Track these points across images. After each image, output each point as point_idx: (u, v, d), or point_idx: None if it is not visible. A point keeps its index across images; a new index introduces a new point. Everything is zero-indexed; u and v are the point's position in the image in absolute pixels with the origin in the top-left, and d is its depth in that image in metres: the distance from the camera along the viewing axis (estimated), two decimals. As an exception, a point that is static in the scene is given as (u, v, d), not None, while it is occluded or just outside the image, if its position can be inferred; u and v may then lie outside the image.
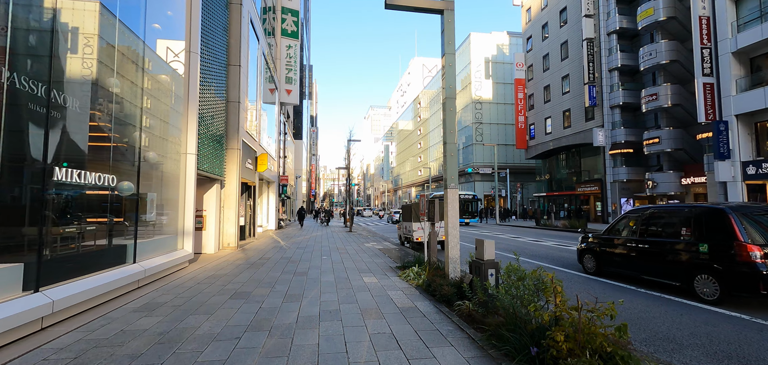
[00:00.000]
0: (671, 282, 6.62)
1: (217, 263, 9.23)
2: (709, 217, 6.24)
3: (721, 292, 5.78)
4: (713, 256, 5.93)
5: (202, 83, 9.69)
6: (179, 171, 8.60)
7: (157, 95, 8.14)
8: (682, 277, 6.39)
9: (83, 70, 5.94)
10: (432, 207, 8.04)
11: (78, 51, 5.86)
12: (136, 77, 6.99)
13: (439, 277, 6.40)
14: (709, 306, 5.77)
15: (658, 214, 7.38)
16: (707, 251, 6.02)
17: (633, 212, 7.98)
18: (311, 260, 9.91)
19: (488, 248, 4.84)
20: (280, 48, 24.83)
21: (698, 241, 6.21)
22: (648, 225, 7.35)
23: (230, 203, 12.41)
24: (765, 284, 5.28)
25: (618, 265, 7.76)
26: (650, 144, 25.35)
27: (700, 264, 6.08)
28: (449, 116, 6.71)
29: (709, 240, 6.07)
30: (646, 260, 7.09)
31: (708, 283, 5.98)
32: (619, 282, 7.52)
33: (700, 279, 6.10)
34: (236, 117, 12.55)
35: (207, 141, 10.15)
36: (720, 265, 5.81)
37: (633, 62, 27.91)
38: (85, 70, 5.97)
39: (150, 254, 7.12)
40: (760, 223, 5.98)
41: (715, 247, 5.95)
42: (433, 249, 7.95)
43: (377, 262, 9.72)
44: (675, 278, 6.53)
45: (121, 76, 6.72)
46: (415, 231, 12.92)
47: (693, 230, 6.41)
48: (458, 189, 6.69)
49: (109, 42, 6.42)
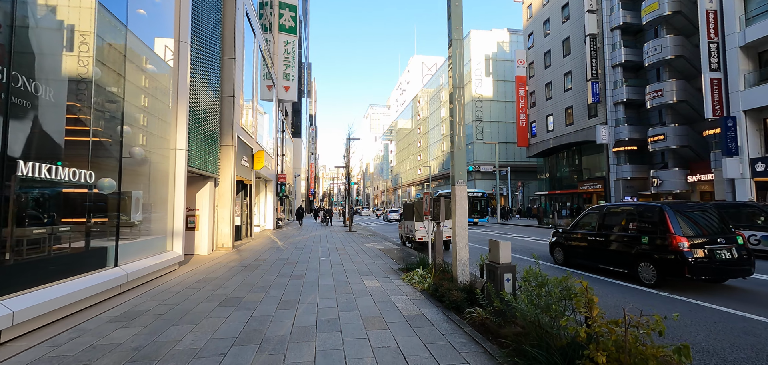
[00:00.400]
0: (621, 270, 7.63)
1: (210, 266, 8.73)
2: (649, 213, 7.25)
3: (658, 277, 6.72)
4: (652, 246, 6.91)
5: (193, 76, 9.18)
6: (168, 168, 8.09)
7: (143, 86, 7.63)
8: (628, 265, 7.35)
9: (58, 58, 5.43)
10: (437, 206, 7.55)
11: (53, 37, 5.36)
12: (119, 67, 6.48)
13: (446, 281, 5.91)
14: (649, 289, 6.59)
15: (612, 211, 8.32)
16: (647, 243, 7.01)
17: (593, 210, 8.91)
18: (309, 262, 9.41)
19: (504, 250, 4.35)
20: (278, 44, 24.30)
21: (641, 234, 7.19)
22: (604, 221, 8.25)
23: (225, 202, 11.90)
24: (689, 269, 6.25)
25: (581, 256, 8.68)
26: (655, 141, 24.89)
27: (642, 254, 7.05)
28: (458, 107, 6.22)
29: (649, 233, 7.04)
30: (601, 252, 8.04)
31: (648, 269, 6.91)
32: (582, 271, 8.34)
33: (642, 266, 7.04)
34: (231, 112, 12.04)
35: (199, 137, 9.64)
36: (657, 254, 6.77)
37: (637, 58, 27.44)
38: (60, 58, 5.46)
39: (134, 256, 6.61)
40: (691, 218, 6.98)
41: (653, 239, 6.93)
42: (438, 250, 7.46)
43: (379, 263, 9.23)
44: (623, 266, 7.51)
45: (103, 64, 6.21)
46: (417, 231, 12.43)
47: (637, 225, 7.41)
48: (466, 186, 6.20)
49: (88, 28, 5.91)
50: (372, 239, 16.27)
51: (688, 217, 6.97)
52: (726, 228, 6.94)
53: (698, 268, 6.27)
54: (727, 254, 6.47)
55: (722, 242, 6.58)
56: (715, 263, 6.37)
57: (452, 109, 6.26)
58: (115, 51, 6.45)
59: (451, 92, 6.31)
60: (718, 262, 6.40)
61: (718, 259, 6.41)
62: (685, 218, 6.89)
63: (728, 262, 6.45)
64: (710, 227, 6.96)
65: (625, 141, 27.45)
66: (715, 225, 7.01)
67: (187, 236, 10.47)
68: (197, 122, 9.50)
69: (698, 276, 6.28)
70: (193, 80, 9.25)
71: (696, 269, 6.26)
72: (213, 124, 10.85)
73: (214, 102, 10.95)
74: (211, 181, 11.07)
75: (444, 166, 60.39)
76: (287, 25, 24.69)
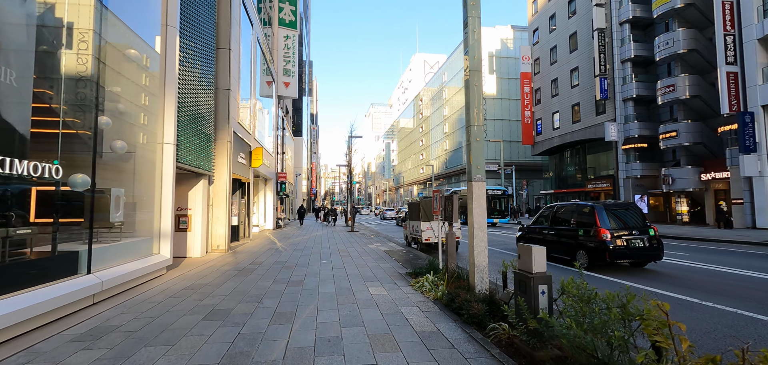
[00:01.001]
0: (564, 257, 9.17)
1: (201, 270, 8.05)
2: (585, 211, 8.88)
3: (589, 262, 8.32)
4: (585, 237, 8.52)
5: (183, 64, 8.50)
6: (154, 164, 7.41)
7: (125, 73, 6.95)
8: (570, 253, 8.98)
9: (21, 36, 4.77)
10: (449, 205, 6.85)
11: (15, 11, 4.69)
12: (96, 50, 5.80)
13: (462, 290, 5.21)
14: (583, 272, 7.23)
15: (560, 210, 9.94)
16: (582, 235, 8.62)
17: (547, 209, 10.49)
18: (309, 266, 8.73)
19: (537, 257, 3.65)
20: (278, 38, 23.63)
21: (578, 228, 8.84)
22: (555, 218, 9.91)
23: (220, 201, 11.23)
24: (610, 254, 7.95)
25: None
26: (667, 138, 24.11)
27: (579, 244, 8.66)
28: (474, 93, 5.51)
29: (584, 227, 8.63)
30: (551, 242, 9.61)
31: (583, 256, 8.47)
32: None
33: (579, 254, 8.61)
34: (226, 106, 11.36)
35: (190, 131, 8.96)
36: (589, 243, 8.38)
37: (647, 53, 26.65)
38: (24, 37, 4.80)
39: (113, 261, 5.94)
40: (615, 215, 8.59)
41: (587, 231, 8.54)
42: (451, 254, 6.76)
43: (384, 267, 8.54)
44: (566, 254, 9.13)
45: (77, 47, 5.54)
46: (423, 231, 11.73)
47: (576, 220, 9.03)
48: (485, 182, 5.50)
49: (60, 3, 5.25)
50: (375, 239, 15.58)
51: (614, 214, 8.61)
52: (642, 223, 8.52)
53: (617, 253, 8.02)
54: (640, 243, 8.16)
55: (637, 234, 8.22)
56: (630, 250, 8.08)
57: (468, 95, 5.56)
58: (93, 32, 5.77)
59: (467, 78, 5.61)
60: (633, 249, 8.10)
61: (633, 247, 8.10)
62: (610, 214, 8.53)
63: (641, 249, 8.16)
64: (629, 222, 8.52)
65: (635, 138, 26.66)
66: (634, 221, 8.58)
67: (178, 238, 9.81)
68: (188, 115, 8.83)
69: (617, 260, 8.23)
70: (183, 69, 8.57)
71: (615, 255, 8.02)
72: (206, 118, 10.17)
73: (207, 94, 10.27)
74: (204, 179, 10.40)
75: (446, 165, 59.67)
76: (287, 20, 24.01)
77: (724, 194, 22.67)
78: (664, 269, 8.55)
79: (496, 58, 50.24)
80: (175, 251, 9.80)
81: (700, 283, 7.05)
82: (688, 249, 12.19)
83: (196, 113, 9.37)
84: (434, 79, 69.49)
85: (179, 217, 9.89)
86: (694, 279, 7.49)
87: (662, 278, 7.58)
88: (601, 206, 8.68)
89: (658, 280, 7.36)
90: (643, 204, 26.45)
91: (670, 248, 12.34)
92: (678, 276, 7.73)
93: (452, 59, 59.15)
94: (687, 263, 9.29)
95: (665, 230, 19.23)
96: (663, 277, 7.67)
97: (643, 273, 8.04)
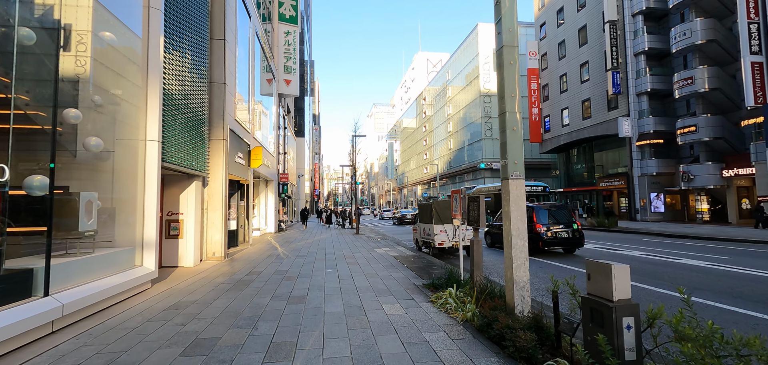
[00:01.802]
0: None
1: (191, 283, 7.15)
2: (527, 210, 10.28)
3: (531, 249, 9.75)
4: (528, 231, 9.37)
5: (169, 51, 7.61)
6: (137, 163, 6.52)
7: (101, 59, 6.07)
8: None
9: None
10: (474, 207, 5.92)
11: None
12: (60, 33, 4.92)
13: (499, 311, 4.29)
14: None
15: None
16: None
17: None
18: (312, 276, 7.81)
19: (620, 278, 2.72)
20: (278, 34, 22.77)
21: None
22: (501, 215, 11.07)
23: (215, 205, 10.34)
24: (542, 242, 10.77)
25: (497, 240, 12.48)
26: (685, 133, 23.05)
27: None
28: (508, 73, 4.58)
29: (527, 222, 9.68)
30: (497, 234, 12.35)
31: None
32: (498, 249, 12.37)
33: None
34: (221, 101, 10.48)
35: (179, 127, 8.07)
36: (529, 234, 9.16)
37: (662, 45, 25.61)
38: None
39: (81, 278, 5.04)
40: (549, 213, 11.32)
41: (529, 226, 10.38)
42: (477, 264, 5.84)
43: (396, 277, 7.61)
44: None
45: (33, 23, 4.66)
46: (436, 235, 10.79)
47: None
48: (524, 180, 4.56)
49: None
50: (382, 243, 14.64)
51: (548, 212, 11.34)
52: (569, 219, 11.28)
53: (548, 242, 10.83)
54: (566, 234, 10.99)
55: (563, 227, 11.04)
56: (557, 239, 10.91)
57: (502, 75, 4.62)
58: (56, 6, 4.89)
59: (500, 52, 4.68)
60: (560, 239, 10.94)
61: (560, 237, 10.94)
62: (545, 212, 11.31)
63: (566, 239, 10.99)
64: (560, 219, 11.25)
65: (650, 134, 25.60)
66: (564, 218, 11.30)
67: (169, 246, 8.94)
68: (177, 109, 7.93)
69: (548, 247, 10.99)
70: (170, 57, 7.68)
71: (546, 242, 10.83)
72: (199, 114, 9.28)
73: (200, 88, 9.38)
74: (198, 180, 9.51)
75: (451, 164, 58.71)
76: (287, 15, 23.15)
77: (747, 192, 21.60)
78: (582, 252, 11.62)
79: (501, 54, 49.21)
80: (166, 260, 8.93)
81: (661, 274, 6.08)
82: (729, 252, 11.20)
83: (187, 107, 8.48)
84: (437, 77, 68.51)
85: (170, 223, 9.01)
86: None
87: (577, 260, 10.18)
88: (539, 206, 11.64)
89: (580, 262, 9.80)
90: (659, 202, 25.41)
91: (702, 250, 11.37)
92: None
93: (455, 57, 58.17)
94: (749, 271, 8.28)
95: (684, 229, 18.20)
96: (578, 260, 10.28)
97: (570, 257, 10.77)
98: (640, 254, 11.06)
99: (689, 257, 10.15)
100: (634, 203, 26.69)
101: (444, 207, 11.02)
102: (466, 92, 52.96)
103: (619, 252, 11.59)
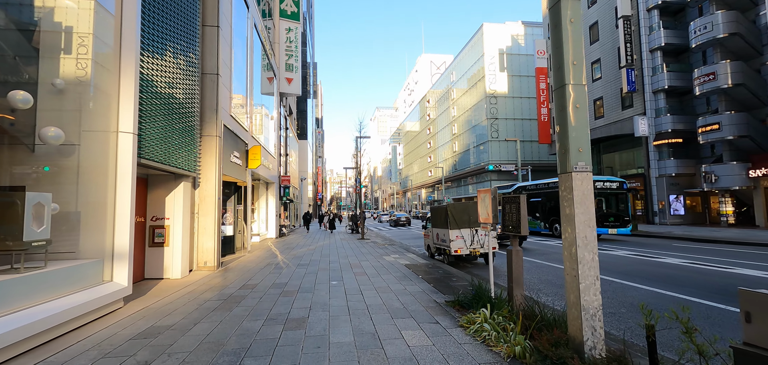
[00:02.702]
0: None
1: (172, 300, 6.12)
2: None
3: None
4: None
5: (150, 32, 6.62)
6: (107, 159, 5.51)
7: (57, 32, 5.08)
8: None
9: None
10: (513, 209, 4.86)
11: None
12: None
13: (562, 346, 3.22)
14: None
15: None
16: None
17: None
18: (315, 291, 6.76)
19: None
20: (279, 31, 21.85)
21: None
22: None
23: (207, 208, 9.33)
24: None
25: None
26: (707, 132, 21.87)
27: None
28: (569, 34, 3.53)
29: None
30: None
31: None
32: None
33: None
34: (214, 94, 9.48)
35: (163, 120, 7.07)
36: None
37: (679, 40, 24.49)
38: None
39: (20, 302, 4.01)
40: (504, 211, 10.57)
41: None
42: (516, 280, 4.77)
43: (413, 291, 6.54)
44: None
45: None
46: (452, 241, 9.72)
47: None
48: (591, 172, 3.49)
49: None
50: (391, 249, 13.56)
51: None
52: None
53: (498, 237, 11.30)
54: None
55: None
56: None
57: (558, 37, 3.58)
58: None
59: (553, 16, 3.64)
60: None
61: None
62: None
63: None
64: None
65: (668, 133, 24.42)
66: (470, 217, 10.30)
67: (153, 255, 7.92)
68: (159, 99, 6.93)
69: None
70: (151, 38, 6.68)
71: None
72: (187, 106, 8.27)
73: (188, 78, 8.39)
74: (187, 181, 8.49)
75: (456, 167, 57.58)
76: (289, 11, 22.24)
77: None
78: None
79: (507, 55, 48.17)
80: (149, 272, 7.91)
81: None
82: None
83: (172, 98, 7.48)
84: (441, 79, 67.52)
85: (154, 229, 7.99)
86: None
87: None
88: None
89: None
90: (678, 205, 24.20)
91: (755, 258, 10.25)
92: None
93: (460, 58, 57.17)
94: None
95: (712, 233, 17.01)
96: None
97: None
98: (683, 262, 9.91)
99: (748, 267, 9.00)
100: (651, 205, 25.48)
101: (460, 211, 9.95)
102: (471, 93, 51.91)
103: (655, 259, 10.44)
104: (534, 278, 8.32)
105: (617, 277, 8.08)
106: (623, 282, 7.64)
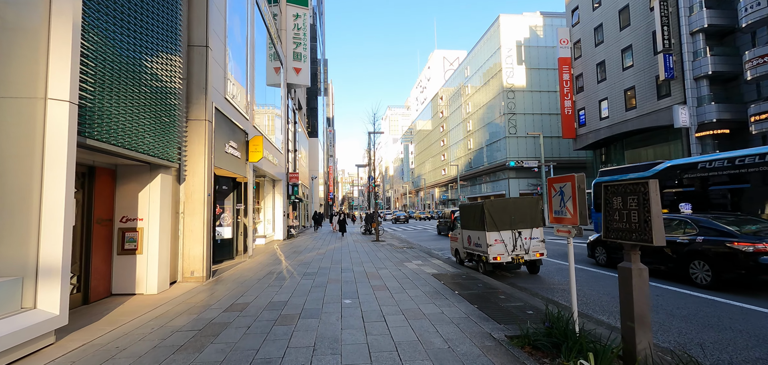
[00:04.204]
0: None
1: (126, 331, 4.51)
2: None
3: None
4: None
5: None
6: (31, 136, 3.94)
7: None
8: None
9: None
10: (631, 206, 3.10)
11: None
12: None
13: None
14: None
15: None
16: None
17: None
18: (322, 315, 5.08)
19: None
20: (286, 17, 20.32)
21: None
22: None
23: (195, 207, 7.75)
24: None
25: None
26: (762, 120, 19.55)
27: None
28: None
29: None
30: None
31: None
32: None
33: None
34: (202, 70, 7.91)
35: (127, 92, 5.48)
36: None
37: (724, 21, 22.16)
38: None
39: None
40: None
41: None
42: (641, 319, 3.03)
43: (454, 318, 4.81)
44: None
45: None
46: (490, 246, 7.94)
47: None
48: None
49: None
50: (411, 253, 11.82)
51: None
52: None
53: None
54: None
55: None
56: None
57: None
58: None
59: None
60: None
61: None
62: (495, 210, 8.26)
63: None
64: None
65: (713, 123, 22.11)
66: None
67: (122, 264, 6.37)
68: (120, 64, 5.34)
69: None
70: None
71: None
72: (164, 80, 6.68)
73: (166, 46, 6.80)
74: (167, 173, 6.91)
75: (470, 165, 55.50)
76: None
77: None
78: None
79: (525, 47, 45.93)
80: (117, 286, 6.36)
81: None
82: None
83: (141, 64, 5.89)
84: (455, 76, 65.42)
85: (124, 232, 6.43)
86: None
87: None
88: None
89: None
90: (725, 203, 21.81)
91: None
92: None
93: (475, 53, 55.04)
94: None
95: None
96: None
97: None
98: None
99: None
100: (693, 203, 23.14)
101: (500, 209, 8.17)
102: (487, 88, 49.78)
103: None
104: (600, 293, 6.48)
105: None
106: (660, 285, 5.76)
